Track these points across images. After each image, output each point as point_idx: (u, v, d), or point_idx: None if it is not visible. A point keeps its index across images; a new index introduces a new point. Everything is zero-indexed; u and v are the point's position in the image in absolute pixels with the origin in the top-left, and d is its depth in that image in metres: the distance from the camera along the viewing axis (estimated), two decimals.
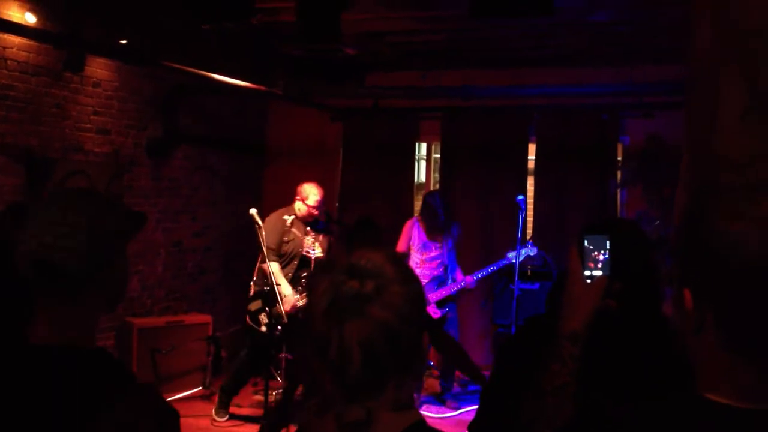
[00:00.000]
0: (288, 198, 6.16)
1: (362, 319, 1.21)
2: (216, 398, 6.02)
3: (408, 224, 6.46)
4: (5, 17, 5.04)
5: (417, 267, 6.28)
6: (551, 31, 6.40)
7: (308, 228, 5.92)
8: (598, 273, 1.63)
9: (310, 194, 5.92)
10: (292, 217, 5.88)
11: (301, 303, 5.70)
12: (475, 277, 6.19)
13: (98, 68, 6.03)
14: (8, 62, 5.19)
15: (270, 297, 5.75)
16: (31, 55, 5.37)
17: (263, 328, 5.76)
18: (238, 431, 5.79)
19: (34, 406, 1.33)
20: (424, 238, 6.30)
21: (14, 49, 5.23)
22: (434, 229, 6.25)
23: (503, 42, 6.90)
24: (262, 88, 6.95)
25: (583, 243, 1.65)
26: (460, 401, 6.50)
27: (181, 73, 6.32)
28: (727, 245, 1.12)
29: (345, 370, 1.21)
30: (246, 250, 7.11)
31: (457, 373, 6.90)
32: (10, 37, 5.14)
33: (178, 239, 7.13)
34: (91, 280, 1.43)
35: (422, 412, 4.75)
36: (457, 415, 6.23)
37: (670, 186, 5.80)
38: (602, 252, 1.65)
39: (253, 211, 5.79)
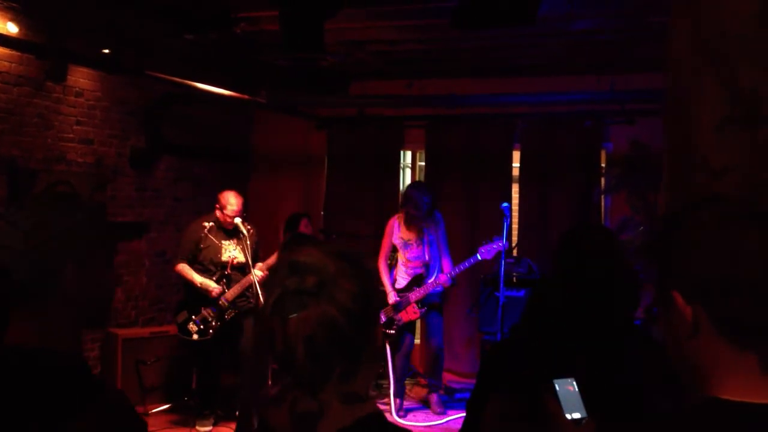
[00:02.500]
0: (272, 206, 6.12)
1: (304, 313, 1.25)
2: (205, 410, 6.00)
3: (389, 223, 6.45)
4: None
5: (402, 266, 6.30)
6: (534, 40, 6.44)
7: (229, 231, 5.88)
8: (577, 415, 1.67)
9: (227, 204, 5.85)
10: (211, 223, 5.88)
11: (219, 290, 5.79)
12: (449, 275, 6.15)
13: (81, 78, 6.00)
14: None
15: (194, 304, 5.80)
16: (13, 65, 5.34)
17: (194, 337, 5.78)
18: None
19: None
20: (404, 235, 6.29)
21: None
22: (413, 220, 6.20)
23: (487, 51, 6.93)
24: (246, 97, 6.94)
25: (555, 388, 1.69)
26: (446, 407, 6.49)
27: (165, 83, 6.31)
28: (714, 245, 1.14)
29: (291, 362, 1.26)
30: None
31: (446, 379, 6.89)
32: None
33: (161, 249, 7.09)
34: (41, 288, 1.42)
35: (407, 422, 4.72)
36: (444, 423, 6.22)
37: (654, 192, 5.84)
38: (572, 393, 1.69)
39: (237, 220, 5.78)
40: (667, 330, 1.22)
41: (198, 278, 5.77)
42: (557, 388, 1.69)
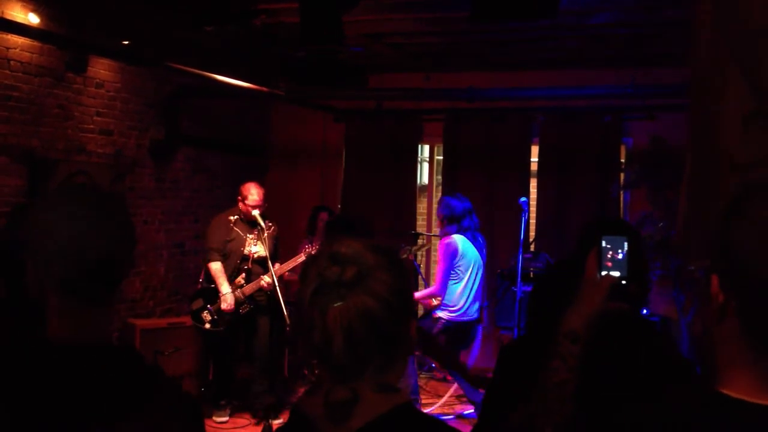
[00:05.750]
0: (290, 199, 6.10)
1: (343, 303, 1.26)
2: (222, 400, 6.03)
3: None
4: (9, 17, 5.04)
5: None
6: (553, 34, 6.40)
7: (253, 225, 5.90)
8: (615, 274, 1.62)
9: (249, 194, 5.90)
10: (236, 216, 5.93)
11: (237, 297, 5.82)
12: None
13: (101, 69, 6.03)
14: (11, 63, 5.19)
15: (211, 294, 5.83)
16: (34, 55, 5.37)
17: (207, 326, 5.82)
18: None
19: (64, 406, 1.33)
20: None
21: (17, 50, 5.23)
22: None
23: (506, 44, 6.90)
24: (265, 89, 6.95)
25: (601, 243, 1.64)
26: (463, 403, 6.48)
27: (184, 75, 6.32)
28: (749, 240, 1.13)
29: (328, 353, 1.27)
30: None
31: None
32: (13, 38, 5.14)
33: (180, 241, 7.13)
34: (116, 283, 1.45)
35: None
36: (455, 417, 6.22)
37: (674, 188, 5.80)
38: (620, 253, 1.64)
39: (255, 212, 5.79)
40: (698, 313, 1.22)
41: (224, 289, 5.79)
42: (603, 243, 1.65)
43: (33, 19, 5.28)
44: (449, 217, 6.01)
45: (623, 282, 1.62)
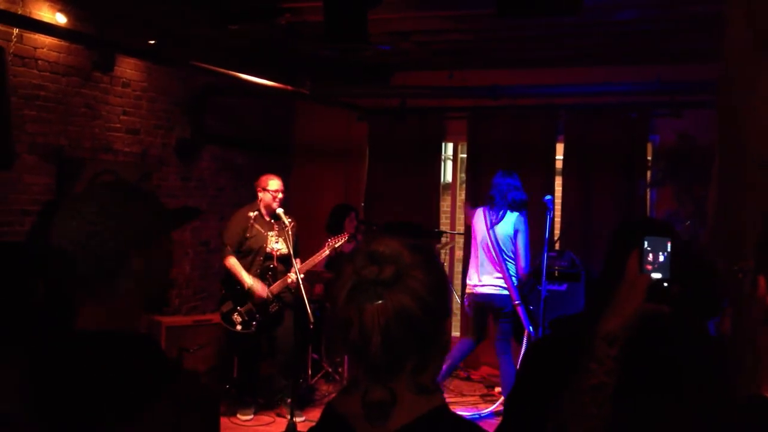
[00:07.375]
0: (313, 197, 6.09)
1: (382, 302, 1.25)
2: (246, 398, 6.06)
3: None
4: (36, 17, 5.10)
5: None
6: (578, 30, 6.35)
7: (273, 222, 5.90)
8: (657, 276, 1.59)
9: (269, 181, 5.93)
10: (256, 212, 5.92)
11: (268, 290, 5.81)
12: None
13: (127, 68, 6.09)
14: (39, 62, 5.25)
15: (240, 295, 5.83)
16: (61, 55, 5.43)
17: (238, 328, 5.84)
18: (263, 430, 5.81)
19: (81, 391, 1.36)
20: None
21: (45, 50, 5.29)
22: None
23: (530, 41, 6.86)
24: (289, 88, 6.97)
25: (643, 244, 1.61)
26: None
27: (209, 74, 6.36)
28: None
29: (365, 351, 1.26)
30: None
31: (485, 372, 6.85)
32: (40, 38, 5.20)
33: (205, 239, 7.17)
34: (108, 275, 1.45)
35: None
36: (480, 417, 6.20)
37: (701, 185, 5.73)
38: (662, 254, 1.60)
39: (279, 210, 5.81)
40: (742, 314, 1.20)
41: (248, 280, 5.79)
42: (645, 244, 1.60)
43: (60, 18, 5.33)
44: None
45: (665, 284, 1.56)
